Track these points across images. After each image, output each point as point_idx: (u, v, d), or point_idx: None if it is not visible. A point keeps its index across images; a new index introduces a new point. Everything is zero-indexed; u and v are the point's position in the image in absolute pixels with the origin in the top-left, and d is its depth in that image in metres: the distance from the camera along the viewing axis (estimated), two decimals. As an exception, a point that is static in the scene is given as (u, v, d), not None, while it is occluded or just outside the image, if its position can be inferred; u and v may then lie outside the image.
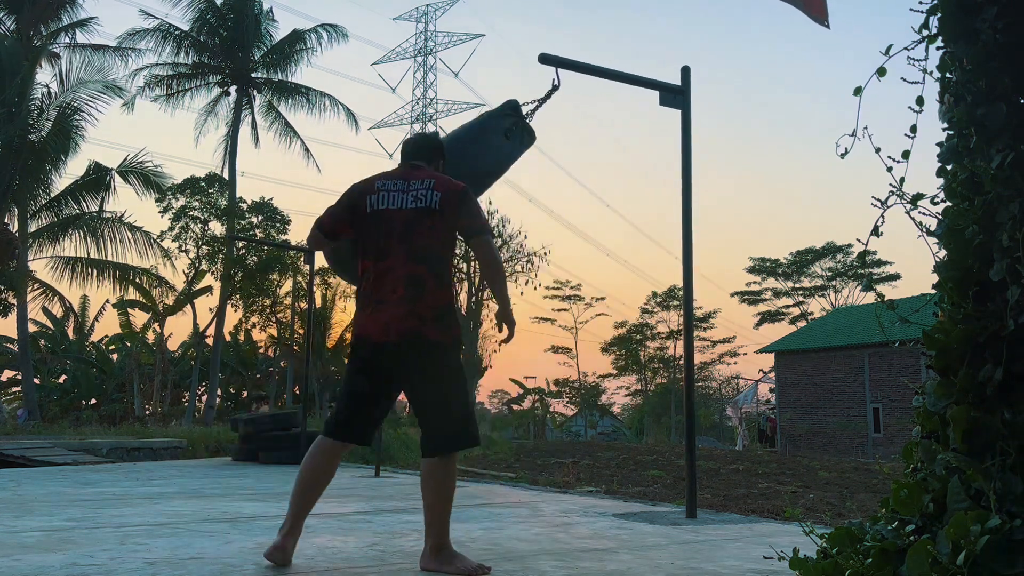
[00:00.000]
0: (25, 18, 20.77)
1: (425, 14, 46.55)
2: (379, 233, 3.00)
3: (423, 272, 2.95)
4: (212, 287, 25.45)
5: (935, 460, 2.00)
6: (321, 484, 3.02)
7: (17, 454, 10.15)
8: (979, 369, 1.93)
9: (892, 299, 2.29)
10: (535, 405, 42.44)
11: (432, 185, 3.04)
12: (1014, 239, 1.87)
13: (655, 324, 52.20)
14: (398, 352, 2.92)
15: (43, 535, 3.69)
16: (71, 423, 19.97)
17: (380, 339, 2.92)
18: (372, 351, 2.95)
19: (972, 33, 2.06)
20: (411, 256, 2.96)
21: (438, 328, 2.95)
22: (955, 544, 1.74)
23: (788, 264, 48.85)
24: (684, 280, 5.08)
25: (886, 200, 2.22)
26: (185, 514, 4.62)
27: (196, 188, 22.85)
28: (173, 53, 24.81)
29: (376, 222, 3.02)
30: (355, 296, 3.09)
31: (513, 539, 3.85)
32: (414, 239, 2.97)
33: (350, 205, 3.10)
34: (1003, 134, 1.98)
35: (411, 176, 3.10)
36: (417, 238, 2.97)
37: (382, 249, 2.98)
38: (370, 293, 2.98)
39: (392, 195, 3.05)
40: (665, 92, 5.05)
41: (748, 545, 3.81)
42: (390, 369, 2.97)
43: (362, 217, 3.05)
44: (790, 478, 11.69)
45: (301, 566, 2.99)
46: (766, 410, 35.12)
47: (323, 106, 25.80)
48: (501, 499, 6.08)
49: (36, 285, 20.88)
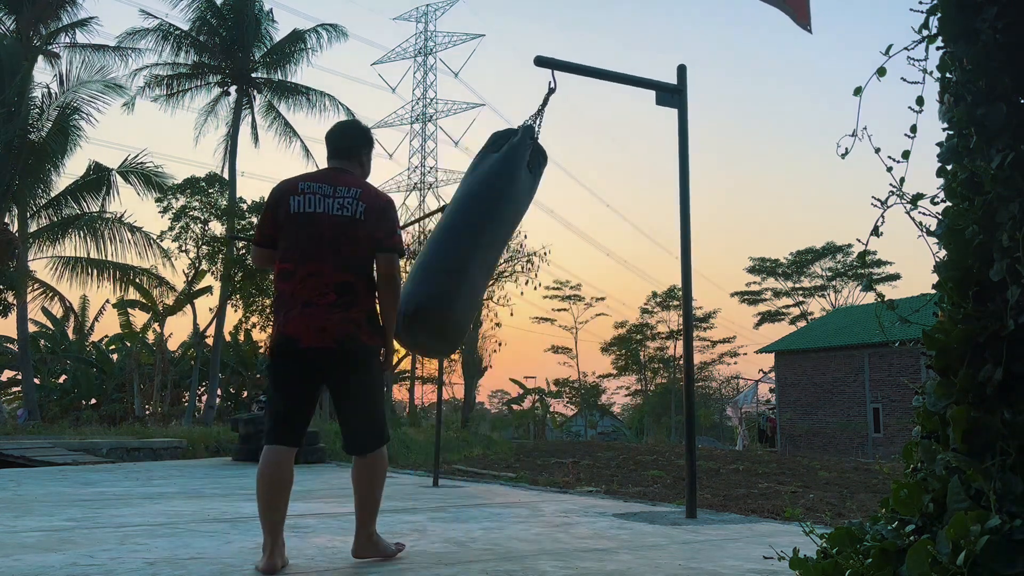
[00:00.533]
0: (25, 18, 20.77)
1: (425, 14, 46.58)
2: (305, 236, 2.99)
3: (352, 279, 2.99)
4: (212, 287, 25.46)
5: (935, 460, 2.00)
6: (287, 493, 2.98)
7: (17, 454, 10.14)
8: (979, 369, 1.93)
9: (892, 299, 2.29)
10: (535, 405, 42.39)
11: (358, 195, 3.07)
12: (1014, 239, 1.87)
13: (655, 324, 52.24)
14: (332, 355, 2.95)
15: (43, 535, 3.69)
16: (71, 423, 19.96)
17: (314, 343, 2.93)
18: (304, 354, 2.95)
19: (972, 33, 2.06)
20: (340, 263, 2.99)
21: (370, 333, 3.03)
22: (955, 544, 1.74)
23: (788, 264, 48.85)
24: (684, 280, 5.08)
25: (886, 200, 2.22)
26: (185, 514, 4.62)
27: (196, 188, 22.84)
28: (173, 53, 24.80)
29: (301, 224, 3.01)
30: (274, 295, 3.06)
31: (513, 539, 3.85)
32: (342, 247, 3.00)
33: (273, 205, 3.09)
34: (1003, 134, 1.98)
35: (337, 181, 3.10)
36: (344, 246, 3.00)
37: (307, 252, 2.98)
38: (293, 295, 2.96)
39: (317, 198, 3.04)
40: (661, 92, 5.05)
41: (748, 545, 3.81)
42: (322, 371, 3.01)
43: (285, 217, 3.03)
44: (790, 478, 11.68)
45: (301, 566, 2.99)
46: (766, 410, 35.10)
47: (323, 106, 25.78)
48: (501, 499, 6.08)
49: (36, 285, 20.88)
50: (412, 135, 45.78)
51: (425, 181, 44.24)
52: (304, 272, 2.97)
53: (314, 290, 2.95)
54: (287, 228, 3.03)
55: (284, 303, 2.99)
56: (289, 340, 2.95)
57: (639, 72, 5.07)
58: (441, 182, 44.84)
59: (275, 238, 3.07)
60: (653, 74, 5.16)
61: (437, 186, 44.29)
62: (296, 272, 2.98)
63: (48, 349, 31.87)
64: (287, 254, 3.02)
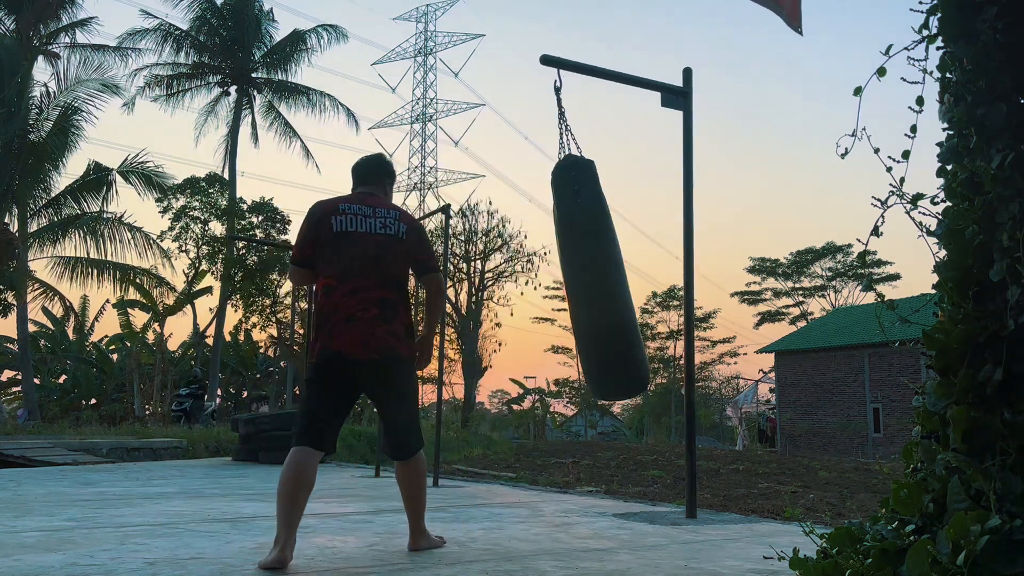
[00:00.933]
0: (25, 18, 20.76)
1: (425, 14, 46.56)
2: (348, 254, 3.17)
3: (391, 295, 3.18)
4: (212, 287, 25.47)
5: (935, 460, 2.00)
6: (306, 494, 3.07)
7: (17, 454, 10.13)
8: (979, 369, 1.93)
9: (892, 299, 2.29)
10: (535, 405, 42.36)
11: (398, 216, 3.31)
12: (1014, 239, 1.87)
13: (655, 324, 52.19)
14: (373, 367, 3.11)
15: (43, 535, 3.69)
16: (71, 423, 19.93)
17: (358, 355, 3.09)
18: (346, 365, 3.11)
19: (972, 33, 2.06)
20: (382, 280, 3.17)
21: (408, 345, 3.23)
22: (955, 544, 1.74)
23: (788, 264, 48.84)
24: (685, 280, 5.08)
25: (886, 200, 2.22)
26: (185, 514, 4.62)
27: (196, 188, 22.84)
28: (173, 53, 24.82)
29: (344, 243, 3.18)
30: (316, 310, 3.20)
31: (513, 539, 3.85)
32: (384, 265, 3.19)
33: (314, 225, 3.24)
34: (1003, 134, 1.98)
35: (375, 203, 3.31)
36: (386, 264, 3.20)
37: (350, 269, 3.16)
38: (337, 309, 3.12)
39: (359, 219, 3.23)
40: (667, 94, 5.05)
41: (748, 545, 3.81)
42: (362, 383, 3.18)
43: (328, 236, 3.20)
44: (790, 478, 11.68)
45: (301, 566, 2.99)
46: (766, 410, 35.08)
47: (323, 106, 25.80)
48: (501, 499, 6.08)
49: (36, 285, 20.86)
50: (412, 135, 45.80)
51: (425, 181, 44.24)
52: (347, 288, 3.12)
53: (357, 305, 3.11)
54: (330, 246, 3.19)
55: (327, 317, 3.13)
56: (335, 353, 3.10)
57: (638, 72, 5.06)
58: (441, 182, 44.87)
59: (314, 257, 3.22)
60: (653, 74, 5.17)
61: (437, 186, 44.31)
62: (339, 288, 3.13)
63: (48, 349, 31.87)
64: (329, 270, 3.17)
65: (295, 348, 26.38)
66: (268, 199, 24.10)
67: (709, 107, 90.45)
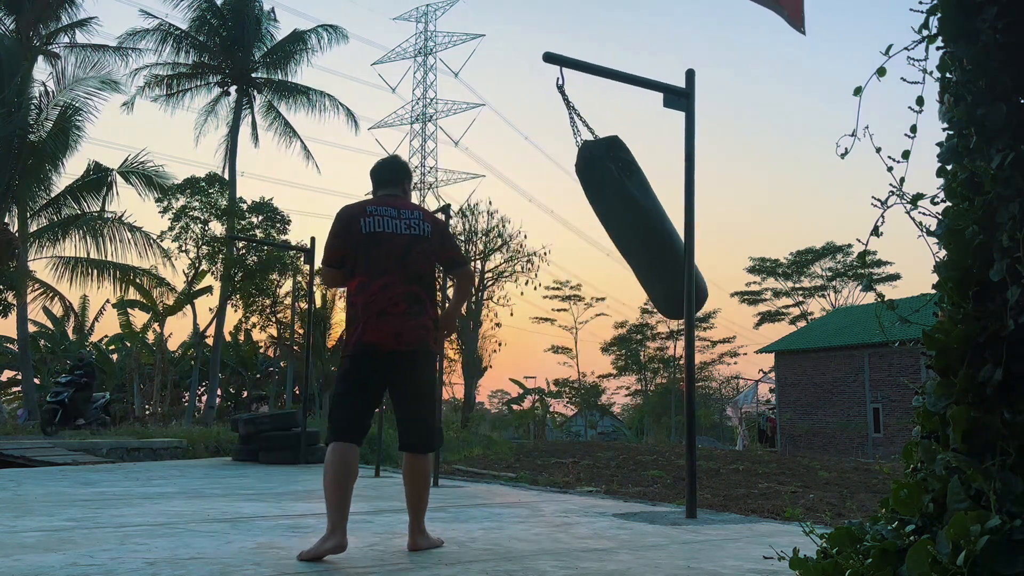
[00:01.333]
0: (25, 18, 20.76)
1: (425, 14, 46.57)
2: (378, 253, 3.34)
3: (420, 291, 3.35)
4: (212, 287, 25.46)
5: (935, 460, 2.00)
6: (354, 482, 3.23)
7: (17, 454, 10.13)
8: (979, 369, 1.93)
9: (892, 299, 2.29)
10: (535, 405, 42.35)
11: (422, 217, 3.49)
12: (1014, 239, 1.86)
13: (655, 324, 52.16)
14: (405, 358, 3.27)
15: (43, 535, 3.69)
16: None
17: (391, 347, 3.25)
18: (380, 358, 3.26)
19: (972, 33, 2.06)
20: (409, 276, 3.34)
21: (435, 339, 3.42)
22: (955, 544, 1.74)
23: (788, 264, 48.82)
24: (685, 280, 5.08)
25: (886, 200, 2.21)
26: (185, 514, 4.62)
27: (196, 188, 22.83)
28: (173, 53, 24.80)
29: (373, 242, 3.36)
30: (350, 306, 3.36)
31: (513, 539, 3.85)
32: (410, 262, 3.36)
33: (344, 227, 3.41)
34: (1003, 134, 1.97)
35: (399, 205, 3.49)
36: (413, 261, 3.37)
37: (380, 267, 3.33)
38: (368, 304, 3.28)
39: (386, 220, 3.41)
40: (669, 94, 5.04)
41: (748, 545, 3.81)
42: (391, 375, 3.31)
43: (359, 237, 3.37)
44: (790, 478, 11.68)
45: (301, 566, 2.99)
46: (766, 410, 35.08)
47: (323, 106, 25.79)
48: (501, 499, 6.08)
49: (36, 285, 20.85)
50: (412, 135, 45.82)
51: (425, 181, 44.25)
52: (377, 285, 3.30)
53: (387, 301, 3.28)
54: (361, 247, 3.36)
55: (359, 313, 3.30)
56: (370, 345, 3.26)
57: (638, 72, 5.06)
58: (441, 182, 44.89)
59: (345, 258, 3.41)
60: (653, 74, 5.17)
61: (437, 186, 44.32)
62: (370, 285, 3.31)
63: (48, 349, 31.88)
64: (360, 269, 3.34)
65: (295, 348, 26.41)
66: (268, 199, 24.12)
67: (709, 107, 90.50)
